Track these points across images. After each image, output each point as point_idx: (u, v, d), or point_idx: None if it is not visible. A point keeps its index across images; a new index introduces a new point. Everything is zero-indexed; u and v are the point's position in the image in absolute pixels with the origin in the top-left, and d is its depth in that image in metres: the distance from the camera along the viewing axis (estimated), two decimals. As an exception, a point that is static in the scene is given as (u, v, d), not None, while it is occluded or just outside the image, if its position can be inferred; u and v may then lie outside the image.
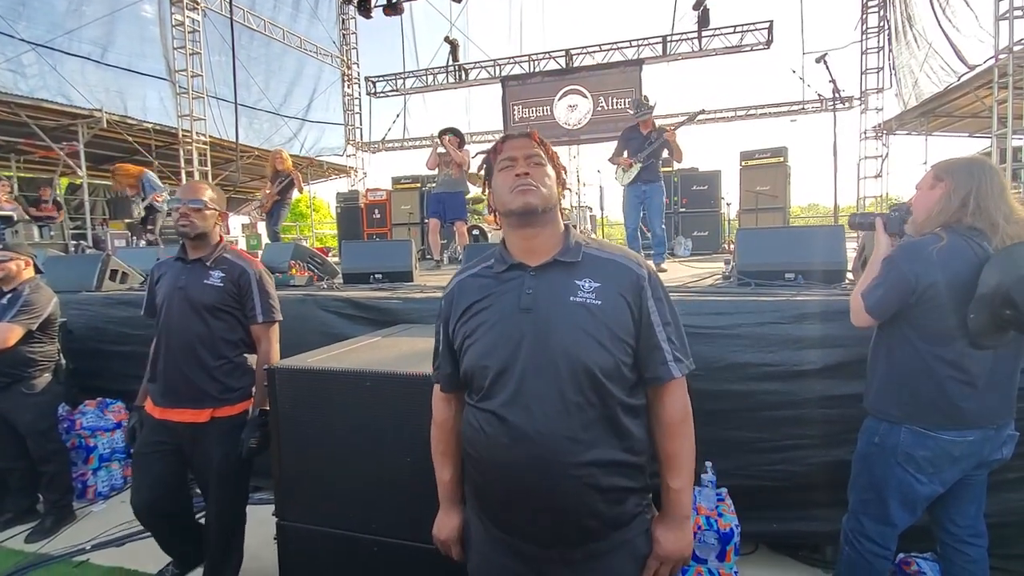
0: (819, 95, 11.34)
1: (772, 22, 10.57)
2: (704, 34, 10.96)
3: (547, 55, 12.27)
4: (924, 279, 1.65)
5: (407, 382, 1.82)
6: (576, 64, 11.96)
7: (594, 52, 11.89)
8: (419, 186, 9.43)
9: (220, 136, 10.54)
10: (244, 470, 2.24)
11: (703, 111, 7.14)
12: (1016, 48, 6.61)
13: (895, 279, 1.70)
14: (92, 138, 8.73)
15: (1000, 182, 1.70)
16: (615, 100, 11.16)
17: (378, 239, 9.01)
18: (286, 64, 12.81)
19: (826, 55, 4.95)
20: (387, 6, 12.19)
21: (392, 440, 1.84)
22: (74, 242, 8.32)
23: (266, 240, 7.39)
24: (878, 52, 11.13)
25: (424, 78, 13.37)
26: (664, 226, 5.30)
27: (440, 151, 5.79)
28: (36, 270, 3.17)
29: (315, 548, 1.99)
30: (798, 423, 2.45)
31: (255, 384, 2.24)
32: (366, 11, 12.48)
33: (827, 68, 4.89)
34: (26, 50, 7.75)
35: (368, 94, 13.99)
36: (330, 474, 1.96)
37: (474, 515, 1.32)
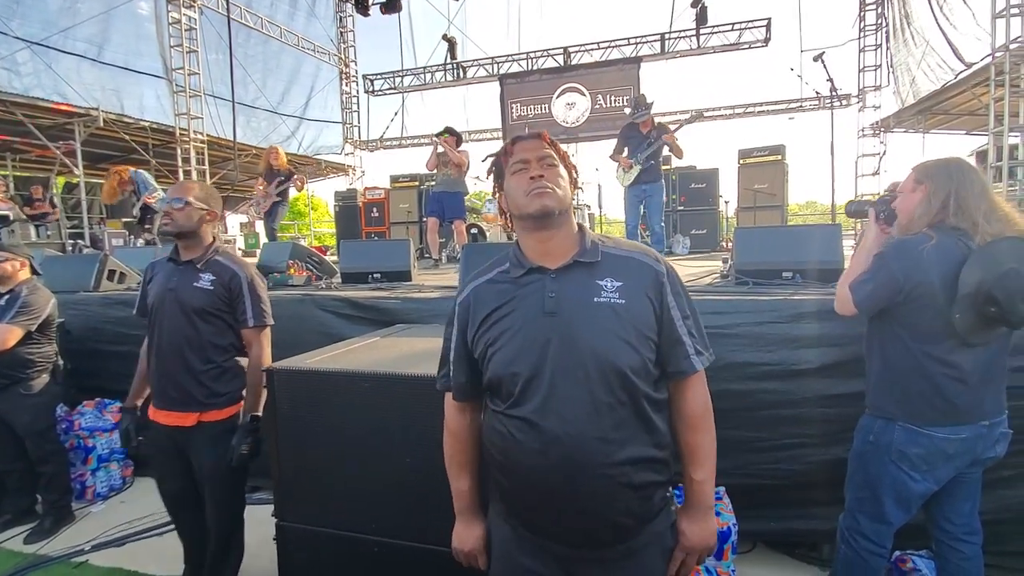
0: (817, 93, 11.37)
1: (770, 19, 10.59)
2: (702, 32, 10.97)
3: (545, 53, 12.26)
4: (913, 278, 1.66)
5: (407, 383, 1.81)
6: (574, 62, 11.96)
7: (592, 50, 11.89)
8: (417, 184, 9.39)
9: (217, 135, 10.52)
10: (239, 473, 2.22)
11: (703, 114, 7.16)
12: (1013, 46, 6.62)
13: (885, 277, 1.71)
14: (89, 137, 8.70)
15: (979, 180, 1.72)
16: (613, 98, 11.16)
17: (376, 238, 8.97)
18: (284, 62, 12.79)
19: (824, 53, 4.98)
20: (385, 4, 12.18)
21: (392, 441, 1.84)
22: (71, 241, 8.29)
23: (264, 239, 7.36)
24: (876, 50, 11.17)
25: (422, 76, 13.36)
26: (663, 224, 5.32)
27: (439, 151, 5.80)
28: (34, 272, 3.15)
29: (315, 549, 1.99)
30: (796, 422, 2.46)
31: (245, 388, 2.21)
32: (364, 9, 12.47)
33: (824, 67, 4.92)
34: (20, 48, 7.71)
35: (366, 92, 13.98)
36: (329, 475, 1.95)
37: (499, 518, 1.31)
